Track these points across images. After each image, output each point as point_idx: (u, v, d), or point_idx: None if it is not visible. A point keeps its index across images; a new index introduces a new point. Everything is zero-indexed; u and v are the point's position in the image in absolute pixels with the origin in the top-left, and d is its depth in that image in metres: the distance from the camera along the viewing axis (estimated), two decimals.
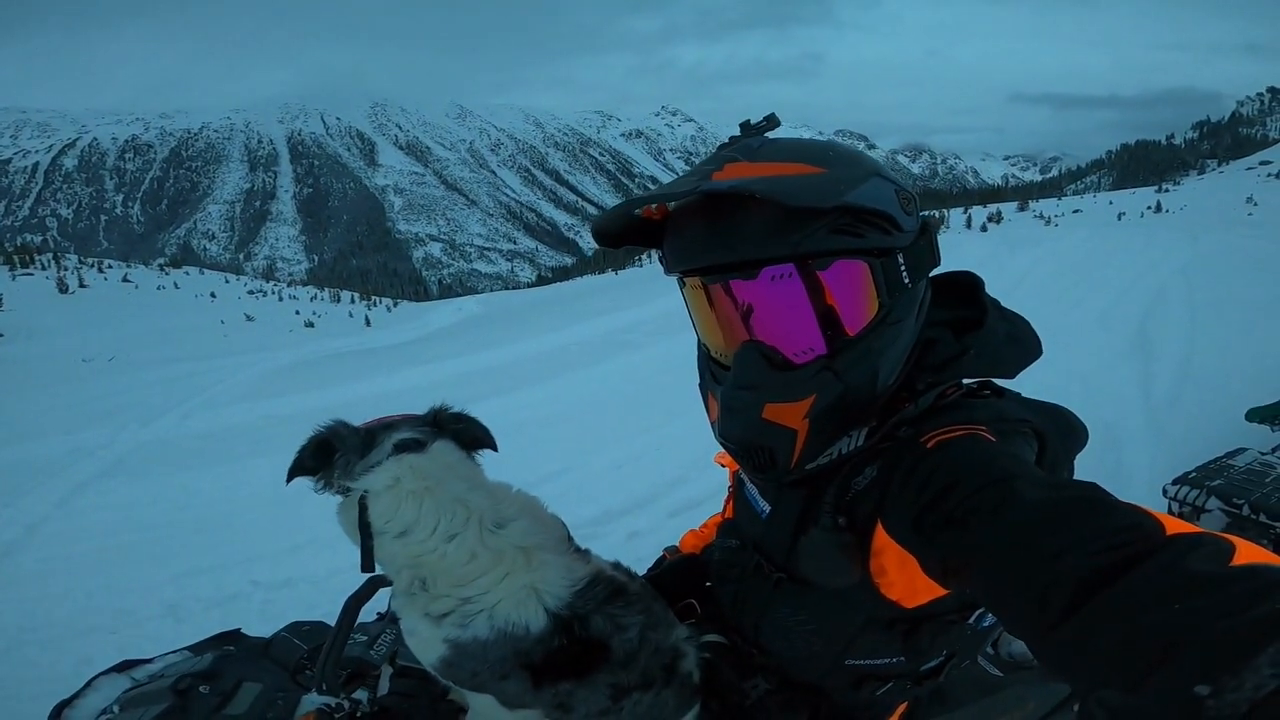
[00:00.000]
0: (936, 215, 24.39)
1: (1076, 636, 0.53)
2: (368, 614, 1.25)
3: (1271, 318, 6.86)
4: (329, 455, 1.02)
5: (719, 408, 0.91)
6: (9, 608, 3.09)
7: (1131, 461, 3.84)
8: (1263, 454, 2.74)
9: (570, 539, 1.09)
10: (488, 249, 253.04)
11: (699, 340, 0.96)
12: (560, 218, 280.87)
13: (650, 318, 10.52)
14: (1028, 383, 0.94)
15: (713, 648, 1.08)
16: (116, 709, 1.06)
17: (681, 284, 0.92)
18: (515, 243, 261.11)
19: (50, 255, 27.81)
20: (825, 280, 0.82)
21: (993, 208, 29.55)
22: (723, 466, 1.22)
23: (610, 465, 4.60)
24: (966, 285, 0.99)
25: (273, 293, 31.07)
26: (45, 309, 17.57)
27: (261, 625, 1.35)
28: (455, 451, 1.05)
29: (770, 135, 0.90)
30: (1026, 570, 0.59)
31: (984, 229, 22.67)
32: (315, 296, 32.65)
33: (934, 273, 0.95)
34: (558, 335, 10.88)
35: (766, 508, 1.01)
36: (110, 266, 29.35)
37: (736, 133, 0.91)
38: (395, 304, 34.09)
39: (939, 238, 0.96)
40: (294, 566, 3.35)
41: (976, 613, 0.99)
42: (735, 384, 0.87)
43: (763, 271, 0.82)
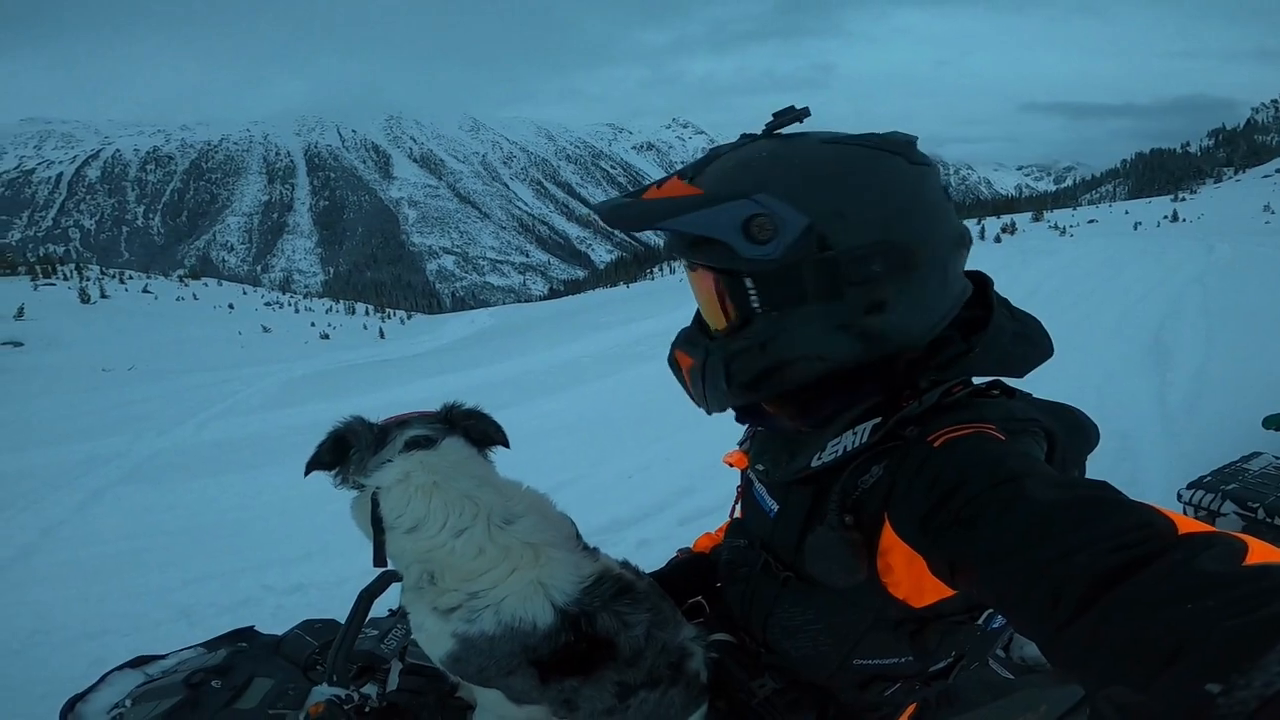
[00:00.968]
0: None
1: (1088, 635, 0.53)
2: (380, 610, 1.27)
3: None
4: (345, 451, 1.04)
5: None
6: (23, 609, 3.13)
7: (1147, 470, 3.78)
8: (1277, 458, 2.71)
9: (578, 537, 1.10)
10: (500, 262, 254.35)
11: None
12: (572, 230, 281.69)
13: (661, 330, 10.50)
14: (1041, 392, 0.94)
15: (720, 646, 1.08)
16: (129, 703, 1.08)
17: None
18: (528, 256, 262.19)
19: (73, 266, 28.24)
20: (694, 278, 0.97)
21: (1006, 218, 29.33)
22: (731, 466, 1.23)
23: (621, 474, 4.62)
24: (978, 285, 0.99)
25: (289, 304, 31.41)
26: (67, 319, 17.85)
27: (273, 629, 1.36)
28: (465, 448, 1.07)
29: (788, 130, 0.95)
30: (1037, 569, 0.59)
31: (998, 240, 22.51)
32: (330, 309, 32.94)
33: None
34: (569, 348, 10.93)
35: (774, 506, 1.02)
36: (131, 278, 29.77)
37: None
38: (409, 316, 34.34)
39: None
40: (306, 572, 3.38)
41: (985, 614, 0.98)
42: (684, 330, 1.07)
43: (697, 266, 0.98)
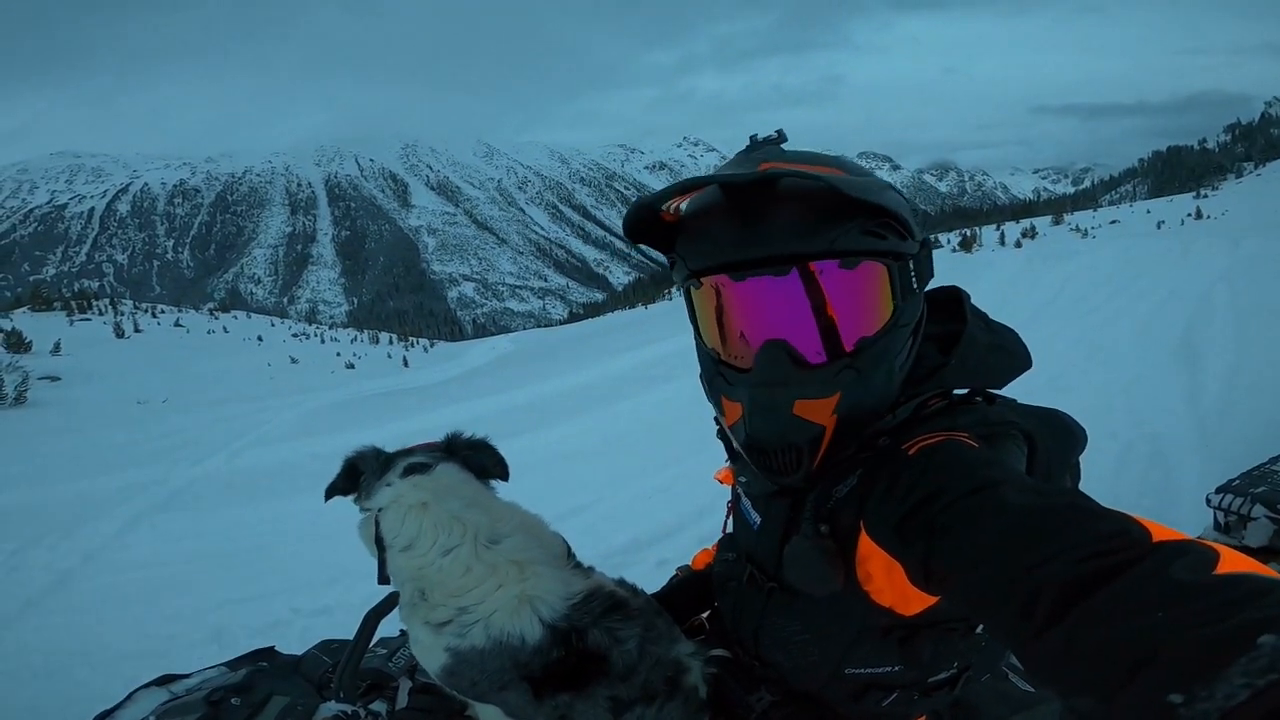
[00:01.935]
0: (968, 234, 23.94)
1: (1060, 644, 0.53)
2: (392, 629, 1.29)
3: None
4: (357, 477, 1.12)
5: (746, 408, 0.90)
6: (63, 631, 3.24)
7: (1180, 474, 3.65)
8: None
9: (570, 556, 1.12)
10: (519, 287, 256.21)
11: (702, 345, 0.96)
12: (589, 253, 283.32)
13: (679, 351, 10.52)
14: (1069, 397, 0.94)
15: (718, 661, 1.09)
16: (153, 719, 1.11)
17: (694, 286, 0.91)
18: (546, 280, 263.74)
19: (107, 301, 29.08)
20: (852, 280, 0.84)
21: (1026, 223, 28.90)
22: (721, 483, 1.23)
23: (639, 496, 4.63)
24: (952, 300, 1.01)
25: (315, 335, 31.98)
26: (102, 353, 18.32)
27: (299, 650, 1.39)
28: (459, 473, 1.12)
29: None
30: (1011, 577, 0.60)
31: (1018, 245, 22.16)
32: (355, 338, 33.49)
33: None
34: (588, 371, 11.00)
35: (758, 518, 1.02)
36: (163, 311, 30.55)
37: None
38: (432, 344, 34.72)
39: (972, 256, 1.00)
40: (333, 596, 3.44)
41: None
42: (762, 381, 0.87)
43: (794, 269, 0.82)
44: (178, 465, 6.72)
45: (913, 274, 0.88)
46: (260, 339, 26.57)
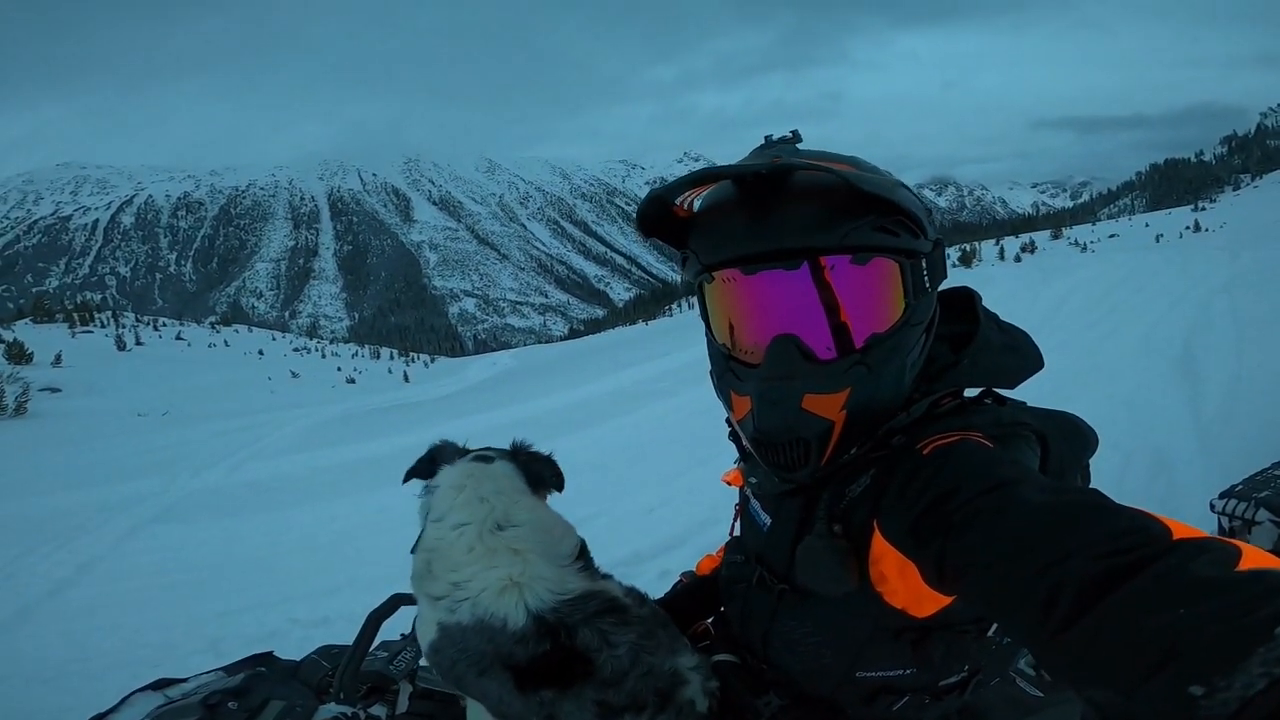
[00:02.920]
0: (968, 249, 24.02)
1: (1080, 642, 0.53)
2: (392, 633, 1.28)
3: None
4: (436, 464, 1.19)
5: (754, 401, 0.90)
6: (57, 640, 3.23)
7: (1183, 483, 3.68)
8: None
9: (580, 558, 1.11)
10: (520, 303, 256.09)
11: (713, 342, 0.96)
12: (590, 269, 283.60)
13: (680, 366, 10.56)
14: (1071, 407, 0.94)
15: (724, 667, 1.07)
16: None
17: (706, 281, 0.91)
18: (547, 296, 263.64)
19: (109, 313, 29.09)
20: (863, 276, 0.84)
21: (1025, 237, 29.00)
22: (730, 485, 1.23)
23: (642, 509, 4.62)
24: (964, 300, 1.01)
25: (316, 350, 31.93)
26: (103, 365, 18.29)
27: (296, 658, 1.38)
28: (510, 470, 1.16)
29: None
30: (1029, 575, 0.59)
31: (1018, 259, 22.22)
32: (356, 353, 33.46)
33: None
34: (590, 386, 11.00)
35: (768, 520, 1.02)
36: (165, 325, 30.50)
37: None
38: (432, 360, 34.63)
39: (972, 271, 1.01)
40: (332, 606, 3.42)
41: (995, 626, 0.96)
42: (771, 375, 0.86)
43: (805, 263, 0.82)
44: (177, 477, 6.70)
45: (925, 272, 0.88)
46: (261, 353, 26.55)
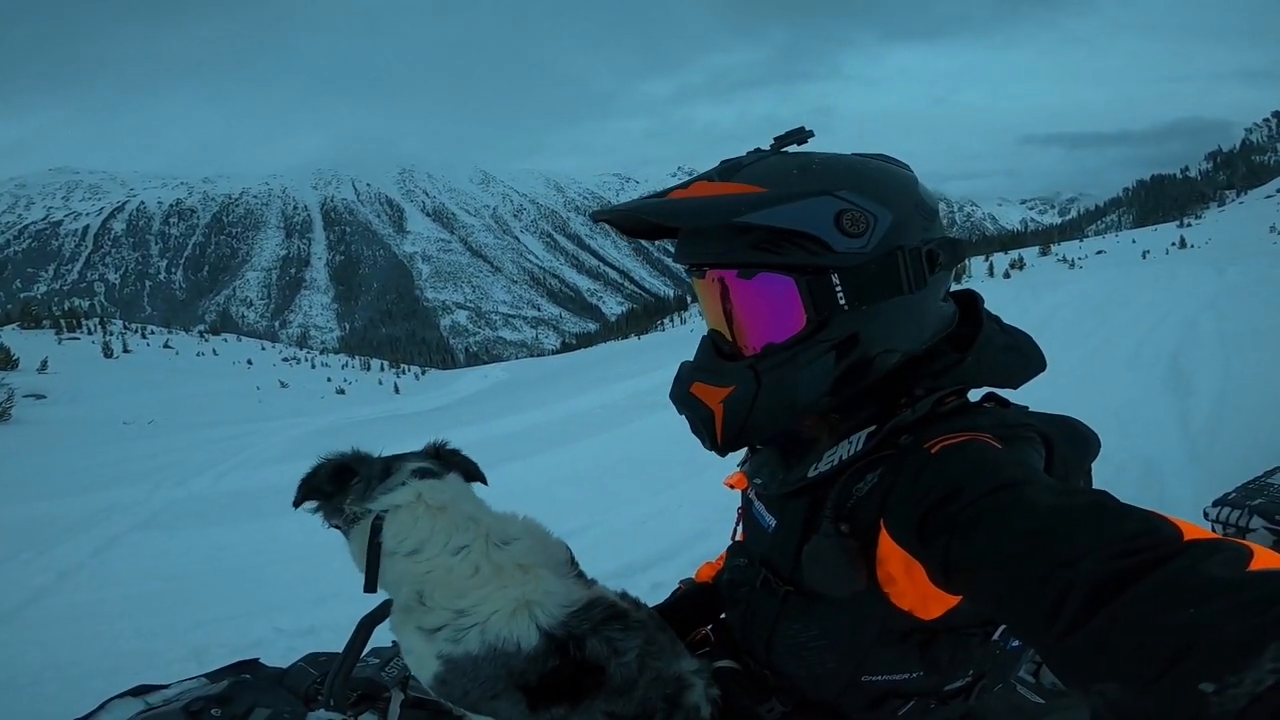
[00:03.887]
0: (958, 265, 24.28)
1: (1090, 643, 0.53)
2: (386, 639, 1.25)
3: None
4: (345, 481, 1.07)
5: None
6: (34, 648, 3.15)
7: (1175, 494, 3.72)
8: None
9: (574, 563, 1.10)
10: (512, 316, 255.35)
11: None
12: (583, 283, 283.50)
13: (672, 380, 10.58)
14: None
15: (725, 673, 1.06)
16: None
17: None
18: (539, 309, 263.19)
19: (97, 320, 28.82)
20: (750, 289, 0.91)
21: (1014, 253, 29.34)
22: (732, 488, 1.22)
23: (634, 521, 4.59)
24: (967, 302, 1.02)
25: (305, 360, 31.73)
26: (90, 373, 18.13)
27: (282, 666, 1.35)
28: (463, 482, 1.13)
29: (800, 148, 0.96)
30: (1038, 576, 0.59)
31: (1007, 275, 22.50)
32: (346, 364, 33.27)
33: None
34: (582, 399, 10.97)
35: (772, 521, 1.01)
36: (153, 332, 30.28)
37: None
38: (423, 372, 34.43)
39: (961, 287, 1.04)
40: (318, 616, 3.35)
41: (1000, 629, 0.96)
42: (691, 361, 1.03)
43: (708, 272, 0.95)
44: (161, 486, 6.59)
45: (837, 288, 0.87)
46: (250, 363, 26.39)
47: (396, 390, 23.72)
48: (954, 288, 1.02)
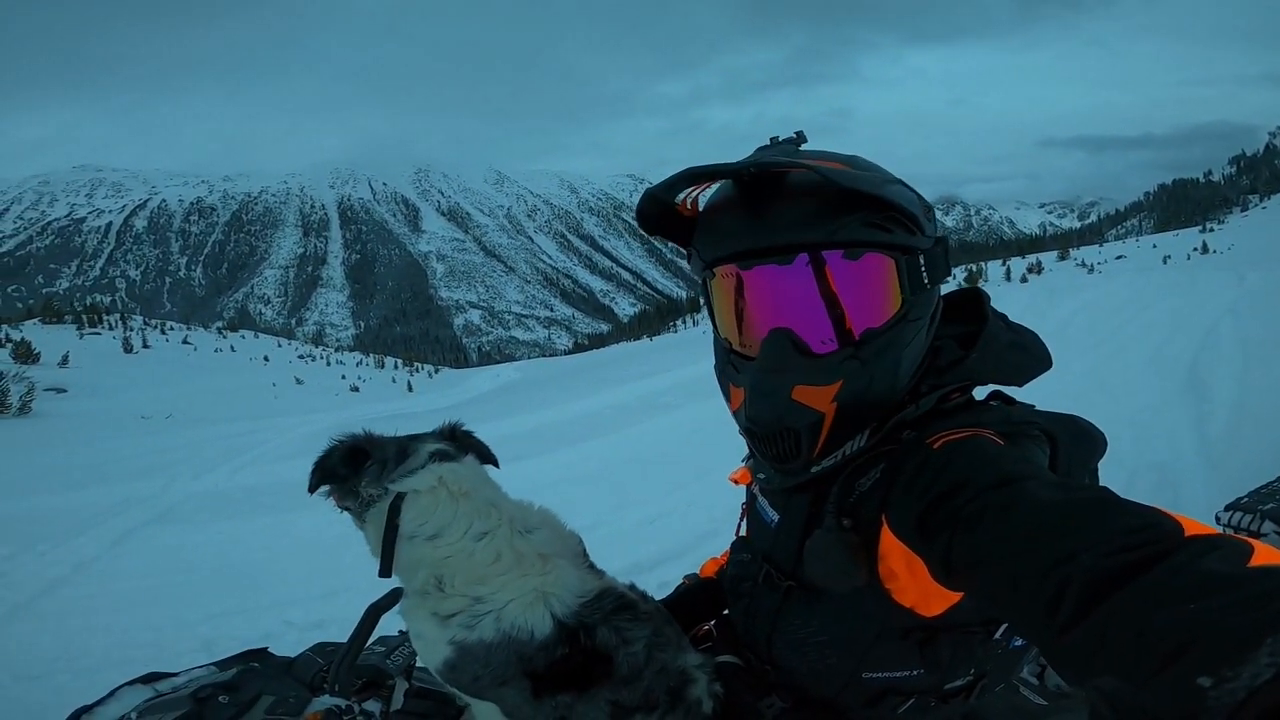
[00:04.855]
0: (973, 269, 24.02)
1: (1090, 638, 0.53)
2: (392, 628, 1.27)
3: None
4: (360, 464, 1.05)
5: (747, 393, 0.92)
6: (48, 638, 3.21)
7: (1189, 499, 3.68)
8: None
9: (585, 555, 1.11)
10: (525, 316, 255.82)
11: (718, 336, 0.98)
12: (596, 284, 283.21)
13: (684, 381, 10.54)
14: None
15: (727, 669, 1.06)
16: (134, 716, 1.08)
17: (709, 278, 0.94)
18: (552, 310, 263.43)
19: (118, 316, 29.32)
20: (856, 271, 0.85)
21: (1032, 258, 28.98)
22: (736, 483, 1.22)
23: (643, 520, 4.60)
24: (973, 300, 1.02)
25: (321, 357, 32.00)
26: (109, 367, 18.43)
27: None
28: (479, 465, 1.12)
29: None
30: (1039, 570, 0.59)
31: (1024, 280, 22.24)
32: (361, 362, 33.49)
33: (943, 291, 0.99)
34: (593, 400, 10.98)
35: (776, 516, 1.01)
36: (172, 329, 30.75)
37: None
38: (437, 370, 34.61)
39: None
40: (328, 610, 3.39)
41: (1002, 628, 0.95)
42: (765, 367, 0.88)
43: (798, 258, 0.84)
44: (177, 480, 6.69)
45: (923, 269, 0.88)
46: (267, 359, 26.68)
47: (410, 388, 23.85)
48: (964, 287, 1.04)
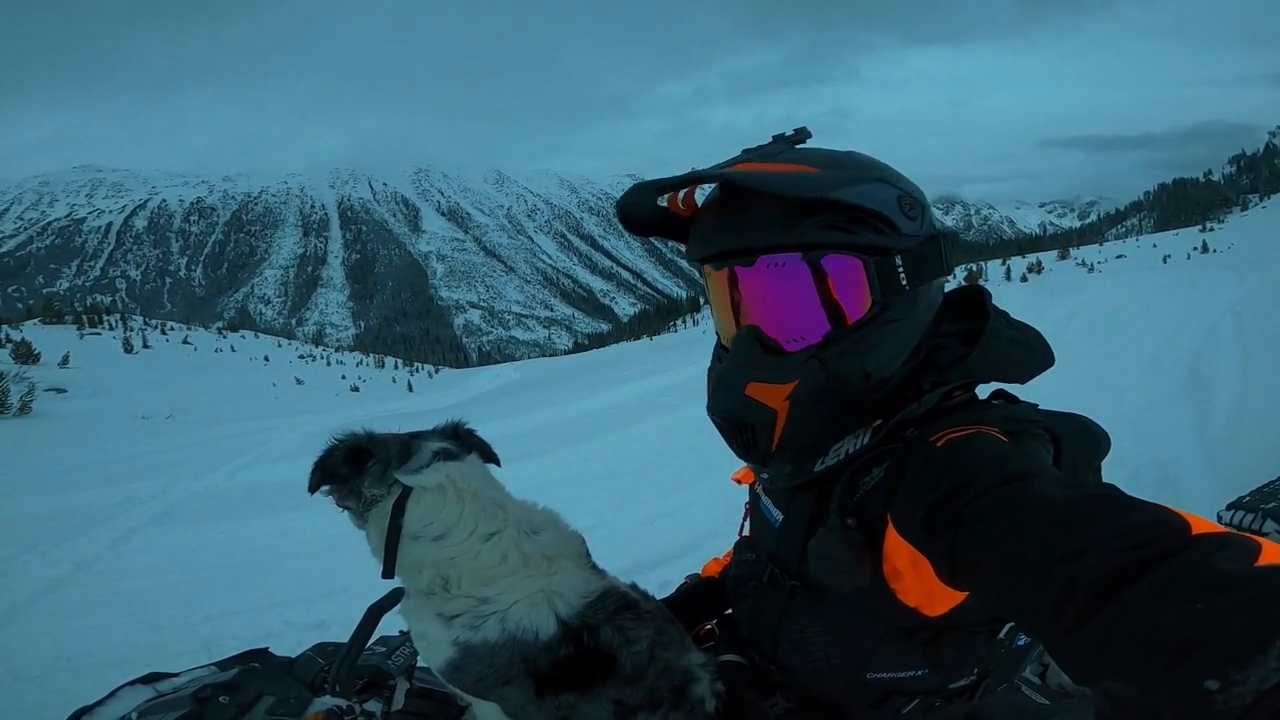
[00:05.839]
0: (973, 269, 23.99)
1: (1096, 637, 0.52)
2: (392, 628, 1.26)
3: None
4: (361, 463, 1.04)
5: (711, 382, 0.97)
6: (47, 638, 3.19)
7: (1190, 499, 3.64)
8: None
9: (588, 555, 1.11)
10: (525, 316, 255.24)
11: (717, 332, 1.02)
12: (596, 284, 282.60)
13: (684, 381, 10.54)
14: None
15: (729, 668, 1.06)
16: (135, 716, 1.08)
17: (699, 274, 0.99)
18: (552, 310, 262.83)
19: (118, 316, 29.27)
20: (817, 272, 0.87)
21: (1032, 257, 28.95)
22: (740, 483, 1.22)
23: (643, 520, 4.58)
24: (975, 298, 1.02)
25: (321, 358, 31.92)
26: (110, 368, 18.40)
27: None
28: (483, 464, 1.12)
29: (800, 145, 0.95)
30: (1045, 569, 0.58)
31: (1024, 279, 22.21)
32: (361, 362, 33.42)
33: (945, 289, 1.01)
34: (594, 400, 10.97)
35: (779, 516, 1.01)
36: (172, 329, 30.68)
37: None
38: (437, 370, 34.55)
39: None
40: (328, 610, 3.38)
41: (1006, 628, 0.96)
42: (733, 364, 0.92)
43: (760, 260, 0.87)
44: (177, 480, 6.66)
45: (900, 269, 0.88)
46: (267, 359, 26.65)
47: (410, 388, 23.82)
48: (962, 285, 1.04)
